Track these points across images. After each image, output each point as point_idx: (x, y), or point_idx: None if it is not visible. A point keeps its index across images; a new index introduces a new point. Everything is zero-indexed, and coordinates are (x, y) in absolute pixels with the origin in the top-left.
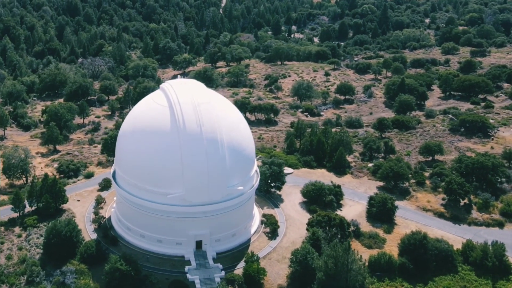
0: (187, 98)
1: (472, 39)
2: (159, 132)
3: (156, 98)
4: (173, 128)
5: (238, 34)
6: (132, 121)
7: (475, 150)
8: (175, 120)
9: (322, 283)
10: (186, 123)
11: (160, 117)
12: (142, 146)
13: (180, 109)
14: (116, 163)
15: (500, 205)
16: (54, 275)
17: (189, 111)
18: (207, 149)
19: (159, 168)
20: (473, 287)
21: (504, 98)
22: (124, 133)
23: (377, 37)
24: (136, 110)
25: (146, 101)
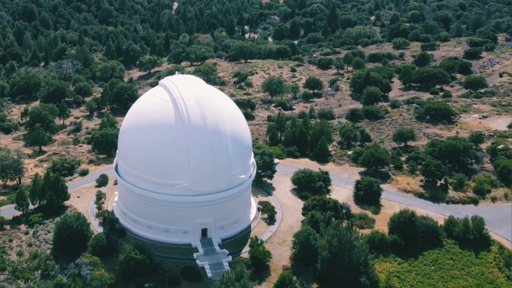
0: (189, 92)
1: (420, 35)
2: (164, 126)
3: (158, 94)
4: (178, 122)
5: (196, 35)
6: (136, 116)
7: (442, 135)
8: (180, 113)
9: (326, 261)
10: (190, 116)
11: (164, 112)
12: (148, 140)
13: (183, 103)
14: (119, 158)
15: (472, 184)
16: (68, 268)
17: (192, 104)
18: (211, 140)
19: (166, 160)
20: (458, 259)
21: (459, 88)
22: (128, 129)
23: (328, 35)
24: (138, 106)
25: (148, 97)
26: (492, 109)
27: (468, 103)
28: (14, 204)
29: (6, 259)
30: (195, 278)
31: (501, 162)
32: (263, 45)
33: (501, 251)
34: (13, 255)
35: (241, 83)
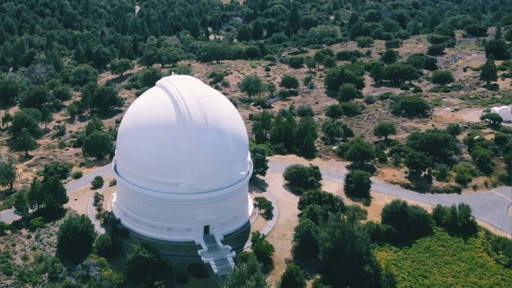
0: (189, 92)
1: (381, 33)
2: (165, 125)
3: (157, 94)
4: (179, 121)
5: (163, 37)
6: (136, 117)
7: (419, 128)
8: (181, 113)
9: (329, 252)
10: (191, 115)
11: (164, 112)
12: (150, 140)
13: (184, 102)
14: (120, 159)
15: (454, 174)
16: (76, 269)
17: (193, 104)
18: (213, 138)
19: (169, 160)
20: (449, 245)
21: (427, 83)
22: (128, 130)
23: (291, 34)
24: (137, 107)
25: (147, 98)
26: (462, 102)
27: (438, 97)
28: (12, 208)
29: (12, 263)
30: (202, 274)
31: (479, 152)
32: (233, 46)
33: (487, 236)
34: (18, 259)
35: (217, 83)
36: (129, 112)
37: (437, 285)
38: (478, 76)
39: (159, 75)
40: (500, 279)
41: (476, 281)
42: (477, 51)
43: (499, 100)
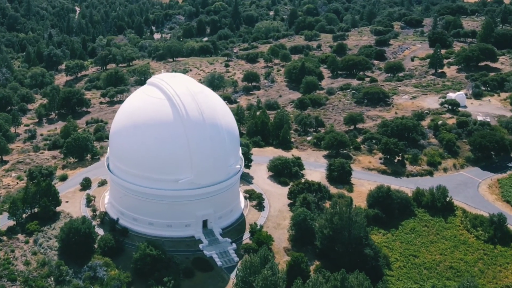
0: (183, 89)
1: (325, 26)
2: (163, 123)
3: (150, 93)
4: (177, 118)
5: (111, 37)
6: (131, 117)
7: (383, 116)
8: (177, 110)
9: (327, 239)
10: (188, 112)
11: (160, 110)
12: (147, 138)
13: (180, 100)
14: (115, 160)
15: (425, 158)
16: (82, 271)
17: (189, 100)
18: (210, 134)
19: (168, 157)
20: (431, 225)
21: (380, 73)
22: (124, 130)
23: (234, 31)
24: (131, 106)
25: (140, 96)
26: (417, 90)
27: (394, 86)
28: (4, 214)
29: (14, 269)
30: (207, 268)
31: (445, 136)
32: (186, 44)
33: (465, 214)
34: (20, 265)
35: None
36: (122, 111)
37: (427, 263)
38: (426, 65)
39: (122, 74)
40: (482, 254)
41: (462, 257)
42: (419, 41)
43: (450, 87)
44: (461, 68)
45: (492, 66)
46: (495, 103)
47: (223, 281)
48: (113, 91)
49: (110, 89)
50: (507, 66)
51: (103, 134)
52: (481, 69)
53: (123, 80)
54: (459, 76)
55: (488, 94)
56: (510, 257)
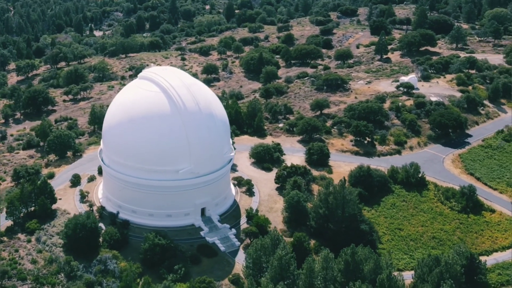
0: (177, 81)
1: (266, 18)
2: (160, 116)
3: (144, 86)
4: (174, 110)
5: (54, 36)
6: (127, 111)
7: (345, 101)
8: (174, 102)
9: (322, 218)
10: (185, 103)
11: (157, 102)
12: (145, 132)
13: (175, 92)
14: (112, 154)
15: (392, 138)
16: (91, 265)
17: (184, 92)
18: (207, 123)
19: (167, 148)
20: (409, 200)
21: (330, 61)
22: (121, 124)
23: (173, 26)
24: (126, 101)
25: (134, 90)
26: (369, 75)
27: (346, 73)
28: None
29: (22, 269)
30: (211, 254)
31: (407, 117)
32: (135, 39)
33: (437, 188)
34: (27, 264)
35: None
36: (115, 106)
37: (412, 235)
38: (372, 52)
39: (81, 72)
40: (458, 224)
41: (441, 227)
42: (360, 29)
43: (398, 71)
44: (404, 53)
45: (431, 50)
46: (443, 84)
47: (229, 265)
48: (76, 89)
49: (73, 86)
50: (445, 49)
51: (77, 131)
52: (422, 53)
53: (83, 78)
54: (404, 60)
55: (435, 76)
56: (483, 224)
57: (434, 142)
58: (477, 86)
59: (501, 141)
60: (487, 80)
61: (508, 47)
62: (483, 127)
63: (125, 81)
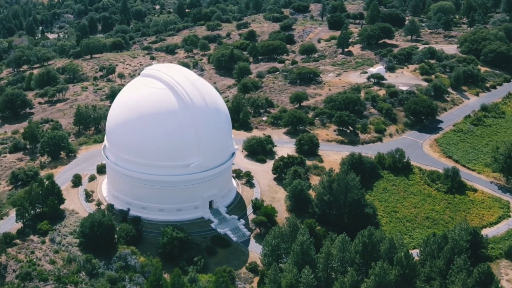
0: (182, 78)
1: (221, 16)
2: (169, 112)
3: (149, 84)
4: (181, 106)
5: (10, 39)
6: (134, 109)
7: (320, 94)
8: (181, 98)
9: (327, 204)
10: (192, 99)
11: (164, 99)
12: (155, 128)
13: (182, 88)
14: (121, 152)
15: (372, 127)
16: (111, 262)
17: (190, 88)
18: (214, 118)
19: (177, 144)
20: (398, 184)
21: (295, 55)
22: (129, 122)
23: (127, 26)
24: (131, 99)
25: (139, 88)
26: (336, 68)
27: (314, 66)
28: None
29: (42, 270)
30: (225, 245)
31: (383, 106)
32: (99, 40)
33: (422, 171)
34: (46, 265)
35: (109, 76)
36: (121, 104)
37: (407, 216)
38: (333, 46)
39: (54, 74)
40: (446, 204)
41: (432, 208)
42: (317, 24)
43: (363, 63)
44: (364, 46)
45: (389, 42)
46: (408, 74)
47: (244, 255)
48: (52, 91)
49: (48, 89)
50: (401, 42)
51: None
52: (381, 45)
53: (55, 79)
54: (365, 53)
55: (399, 67)
56: (468, 203)
57: (410, 128)
58: (439, 75)
59: (470, 126)
60: (447, 69)
61: (461, 38)
62: (451, 113)
63: (98, 81)
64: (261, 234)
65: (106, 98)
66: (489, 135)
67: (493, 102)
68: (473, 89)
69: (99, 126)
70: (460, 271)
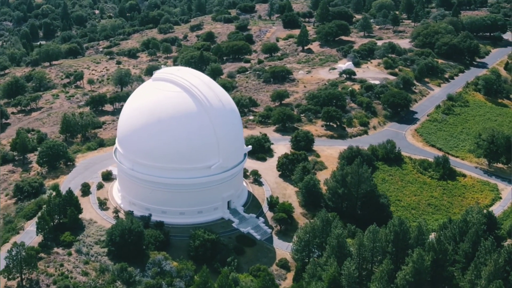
0: (196, 80)
1: (170, 19)
2: (188, 114)
3: (164, 87)
4: (200, 108)
5: None
6: (152, 113)
7: (296, 91)
8: (199, 100)
9: (340, 197)
10: (210, 101)
11: (181, 102)
12: (175, 132)
13: (198, 90)
14: (139, 158)
15: (356, 120)
16: (146, 269)
17: (206, 90)
18: (231, 119)
19: (198, 146)
20: (393, 174)
21: (256, 55)
22: (148, 127)
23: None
24: (147, 103)
25: (154, 92)
26: (303, 66)
27: (279, 65)
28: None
29: (76, 282)
30: (251, 243)
31: (363, 100)
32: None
33: (412, 161)
34: (79, 277)
35: (77, 82)
36: (135, 110)
37: (411, 204)
38: (293, 44)
39: (22, 83)
40: (442, 190)
41: (431, 194)
42: (271, 23)
43: (326, 60)
44: (322, 43)
45: (345, 39)
46: (373, 68)
47: (270, 252)
48: (26, 100)
49: (20, 98)
50: (356, 38)
51: None
52: (338, 42)
53: (23, 88)
54: (325, 50)
55: (363, 62)
56: (461, 188)
57: (390, 120)
58: (402, 68)
59: (443, 115)
60: (408, 62)
61: (414, 33)
62: (421, 104)
63: (67, 88)
64: (281, 231)
65: (86, 105)
66: (461, 123)
67: (456, 92)
68: (435, 80)
69: (86, 133)
70: (489, 252)
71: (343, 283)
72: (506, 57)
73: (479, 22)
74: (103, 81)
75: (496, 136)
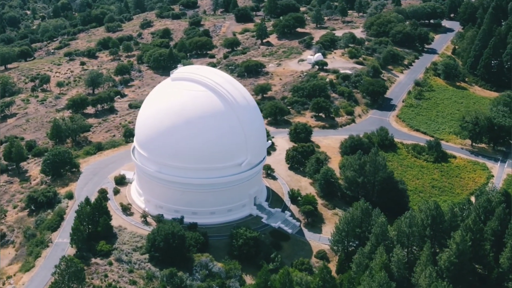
0: (220, 79)
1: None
2: (216, 114)
3: (188, 87)
4: (227, 106)
5: None
6: (179, 114)
7: (273, 84)
8: (225, 99)
9: (358, 186)
10: (236, 98)
11: (208, 101)
12: (205, 131)
13: (224, 89)
14: (168, 160)
15: (342, 110)
16: (193, 272)
17: (231, 88)
18: (255, 115)
19: (228, 144)
20: (391, 159)
21: (217, 50)
22: (176, 128)
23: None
24: (173, 104)
25: (177, 92)
26: (270, 58)
27: (244, 59)
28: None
29: None
30: (285, 238)
31: (344, 90)
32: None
33: (405, 146)
34: (128, 286)
35: (44, 86)
36: (160, 111)
37: (416, 188)
38: (250, 37)
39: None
40: (439, 172)
41: (432, 177)
42: (222, 18)
43: (291, 52)
44: (279, 36)
45: (300, 31)
46: (339, 59)
47: (306, 245)
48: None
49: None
50: (310, 29)
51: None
52: (294, 34)
53: None
54: (284, 42)
55: (327, 52)
56: (455, 169)
57: (371, 108)
58: (366, 57)
59: (416, 100)
60: (369, 51)
61: (367, 22)
62: (392, 91)
63: (35, 92)
64: (309, 223)
65: (66, 108)
66: (433, 107)
67: (419, 77)
68: (397, 67)
69: (76, 137)
70: None
71: (393, 270)
72: (449, 42)
73: (421, 10)
74: (70, 83)
75: (479, 117)
